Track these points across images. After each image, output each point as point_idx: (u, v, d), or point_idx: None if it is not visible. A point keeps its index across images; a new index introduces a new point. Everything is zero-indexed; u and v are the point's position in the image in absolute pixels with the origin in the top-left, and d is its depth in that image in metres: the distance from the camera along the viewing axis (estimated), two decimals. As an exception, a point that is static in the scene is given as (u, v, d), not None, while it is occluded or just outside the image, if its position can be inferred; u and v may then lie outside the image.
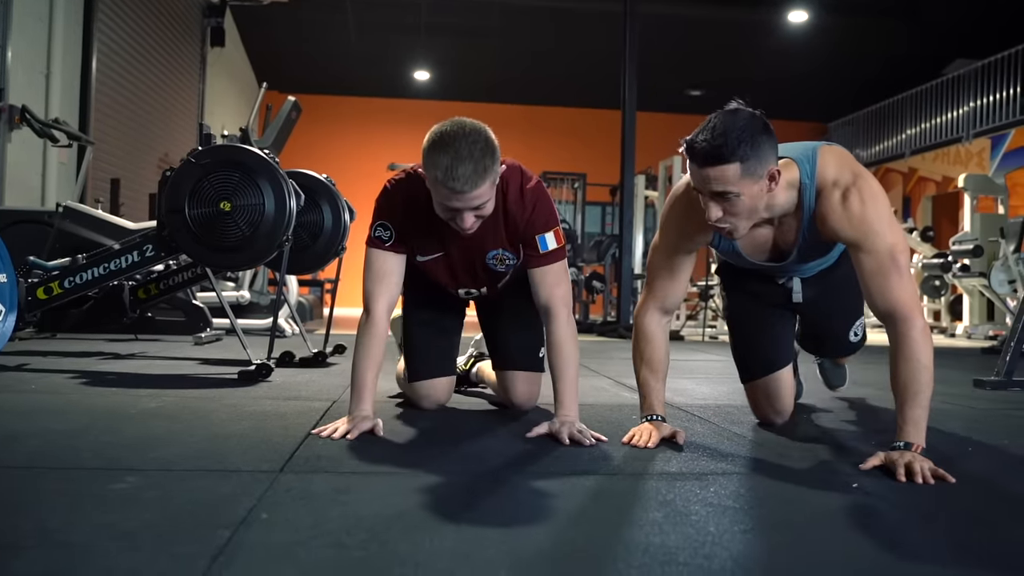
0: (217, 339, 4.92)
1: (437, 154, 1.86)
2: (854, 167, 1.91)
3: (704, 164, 1.77)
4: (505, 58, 12.55)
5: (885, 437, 2.25)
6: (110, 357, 3.97)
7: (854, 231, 1.83)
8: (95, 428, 2.03)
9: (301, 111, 4.52)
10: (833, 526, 1.36)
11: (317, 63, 12.81)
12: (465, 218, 1.93)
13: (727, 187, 1.77)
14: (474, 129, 1.89)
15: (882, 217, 1.83)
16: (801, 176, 1.90)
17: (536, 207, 2.12)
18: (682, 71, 12.72)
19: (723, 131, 1.74)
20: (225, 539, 1.15)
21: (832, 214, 1.86)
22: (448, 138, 1.86)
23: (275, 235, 3.13)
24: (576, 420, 2.02)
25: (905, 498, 1.55)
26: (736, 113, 1.79)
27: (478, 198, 1.90)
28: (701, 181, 1.81)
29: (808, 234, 1.97)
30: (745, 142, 1.73)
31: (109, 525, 1.21)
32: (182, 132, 9.54)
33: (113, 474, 1.54)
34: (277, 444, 1.87)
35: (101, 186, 6.82)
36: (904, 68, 12.11)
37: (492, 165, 1.89)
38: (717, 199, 1.81)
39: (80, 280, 3.33)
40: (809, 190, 1.90)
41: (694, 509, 1.42)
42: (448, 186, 1.86)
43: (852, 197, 1.84)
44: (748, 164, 1.75)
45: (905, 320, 1.78)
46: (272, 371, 3.20)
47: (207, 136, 3.32)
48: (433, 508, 1.37)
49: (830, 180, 1.88)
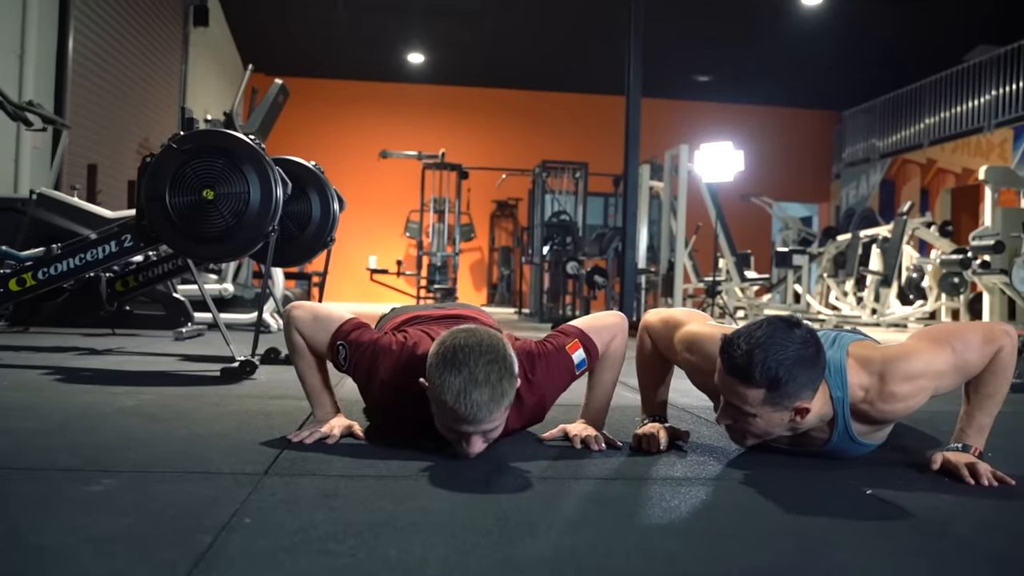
0: (199, 334, 4.92)
1: (447, 374, 1.66)
2: (882, 365, 1.79)
3: (731, 373, 1.69)
4: (503, 40, 12.52)
5: (899, 441, 2.25)
6: (86, 353, 3.97)
7: (912, 408, 1.81)
8: (70, 427, 2.02)
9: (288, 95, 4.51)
10: (848, 534, 1.36)
11: (306, 44, 12.78)
12: (473, 443, 1.74)
13: (744, 406, 1.71)
14: (491, 347, 1.70)
15: (920, 371, 1.78)
16: (831, 392, 1.79)
17: (547, 380, 1.95)
18: (690, 55, 12.70)
19: (764, 349, 1.64)
20: (206, 545, 1.15)
21: (880, 416, 1.82)
22: (462, 356, 1.67)
23: (260, 225, 3.13)
24: (597, 424, 2.04)
25: (922, 504, 1.55)
26: (790, 332, 1.68)
27: (491, 424, 1.72)
28: (722, 384, 1.73)
29: (843, 440, 1.88)
30: (784, 372, 1.64)
31: (84, 529, 1.21)
32: (163, 116, 9.52)
33: (89, 475, 1.54)
34: (261, 445, 1.87)
35: (77, 172, 6.80)
36: (923, 54, 12.10)
37: (510, 390, 1.71)
38: (731, 408, 1.74)
39: (55, 271, 3.32)
40: (843, 404, 1.81)
41: (700, 516, 1.42)
42: (459, 414, 1.67)
43: (888, 396, 1.78)
44: (775, 395, 1.67)
45: (1001, 349, 1.80)
46: (256, 368, 3.20)
47: (189, 120, 3.31)
48: (424, 513, 1.37)
49: (861, 395, 1.79)
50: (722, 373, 1.71)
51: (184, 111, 3.34)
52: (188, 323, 4.67)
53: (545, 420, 2.07)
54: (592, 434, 1.98)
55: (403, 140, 12.71)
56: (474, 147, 13.41)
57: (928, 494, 1.63)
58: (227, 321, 4.61)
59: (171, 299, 4.64)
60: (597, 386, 2.07)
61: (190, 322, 4.69)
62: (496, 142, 14.19)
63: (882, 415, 1.82)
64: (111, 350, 4.13)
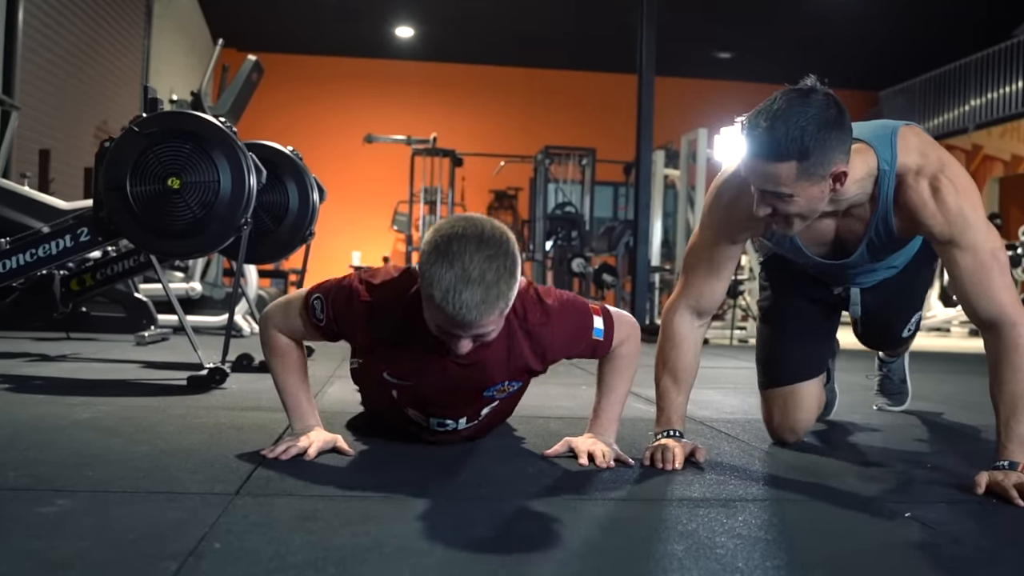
0: (163, 339, 4.92)
1: (438, 266, 1.64)
2: (939, 153, 1.91)
3: (756, 156, 1.76)
4: (502, 12, 12.51)
5: (940, 459, 2.25)
6: (37, 359, 3.97)
7: (950, 225, 1.84)
8: (19, 442, 2.02)
9: (263, 72, 4.51)
10: (884, 563, 1.36)
11: (282, 17, 12.76)
12: (461, 344, 1.75)
13: (779, 187, 1.77)
14: (492, 239, 1.67)
15: (978, 210, 1.85)
16: (879, 163, 1.89)
17: (557, 329, 1.94)
18: (708, 30, 12.69)
19: (784, 120, 1.70)
20: (172, 572, 1.15)
21: (923, 206, 1.86)
22: (457, 247, 1.64)
23: (232, 217, 3.12)
24: (607, 438, 2.03)
25: (968, 528, 1.55)
26: (807, 97, 1.73)
27: (482, 328, 1.70)
28: (751, 172, 1.81)
29: (881, 228, 1.98)
30: (809, 137, 1.70)
31: (37, 554, 1.21)
32: (124, 96, 9.51)
33: (41, 495, 1.54)
34: (232, 462, 1.87)
35: (28, 158, 6.79)
36: (968, 28, 12.10)
37: (508, 291, 1.68)
38: (767, 195, 1.80)
39: (3, 268, 3.32)
40: (888, 178, 1.89)
41: (720, 541, 1.42)
42: (447, 312, 1.65)
43: (944, 187, 1.84)
44: (808, 164, 1.73)
45: (1014, 325, 1.80)
46: (227, 376, 3.20)
47: (153, 101, 3.31)
48: (413, 537, 1.37)
49: (913, 167, 1.88)
50: (748, 160, 1.77)
51: (147, 91, 3.34)
52: (151, 326, 4.67)
53: (549, 432, 2.07)
54: (601, 449, 1.98)
55: (391, 123, 12.70)
56: (469, 131, 13.41)
57: (975, 518, 1.63)
58: (194, 324, 4.62)
59: (132, 299, 4.64)
60: (607, 393, 2.07)
61: (153, 325, 4.69)
62: (494, 126, 14.19)
63: (931, 215, 1.85)
64: (65, 356, 4.13)
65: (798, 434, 2.38)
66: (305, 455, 1.91)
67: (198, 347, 3.35)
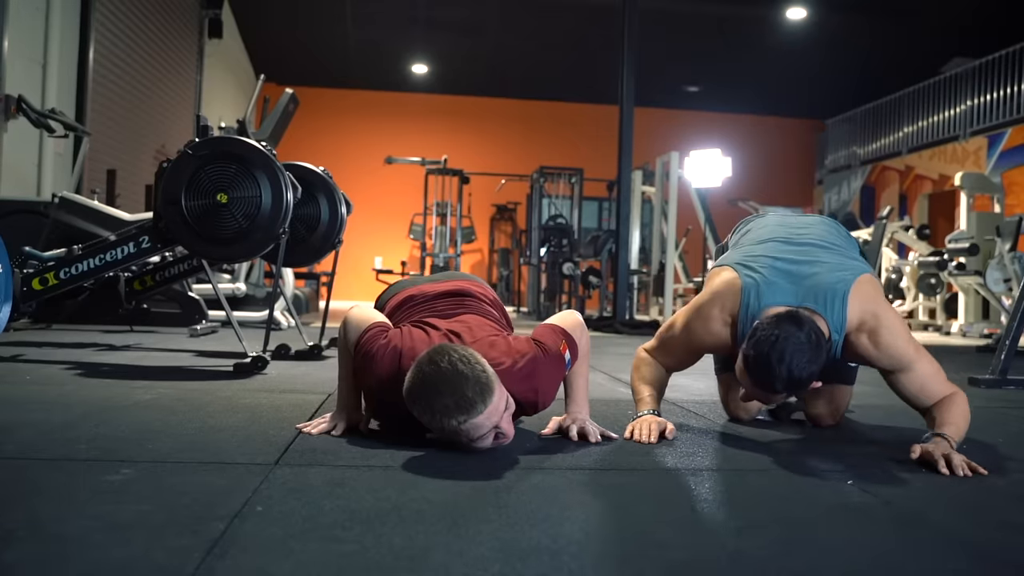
0: (212, 331, 4.92)
1: (422, 411, 1.66)
2: (876, 307, 1.96)
3: (758, 387, 1.83)
4: (503, 52, 12.52)
5: (882, 434, 2.25)
6: (105, 348, 3.96)
7: (891, 361, 1.95)
8: (89, 419, 2.02)
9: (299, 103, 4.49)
10: (831, 522, 1.36)
11: (315, 55, 12.77)
12: (479, 444, 1.70)
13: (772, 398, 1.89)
14: (460, 378, 1.62)
15: (908, 340, 1.95)
16: (831, 332, 1.93)
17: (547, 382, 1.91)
18: (680, 66, 12.70)
19: (786, 368, 1.77)
20: (220, 532, 1.15)
21: (867, 354, 1.97)
22: (433, 392, 1.62)
23: (272, 227, 3.12)
24: (586, 417, 2.02)
25: (899, 493, 1.55)
26: (799, 339, 1.78)
27: (490, 416, 1.65)
28: (749, 388, 1.87)
29: (829, 364, 1.98)
30: (805, 376, 1.79)
31: (102, 517, 1.21)
32: (179, 124, 9.51)
33: (107, 466, 1.54)
34: (272, 437, 1.87)
35: (97, 177, 6.79)
36: (902, 66, 12.11)
37: (488, 402, 1.64)
38: (760, 396, 1.88)
39: (76, 271, 3.31)
40: (837, 343, 1.96)
41: (689, 504, 1.42)
42: (448, 435, 1.68)
43: (883, 335, 1.94)
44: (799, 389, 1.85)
45: (951, 395, 1.92)
46: (268, 364, 3.19)
47: (204, 128, 3.31)
48: (428, 503, 1.37)
49: (856, 325, 1.95)
50: (748, 383, 1.85)
51: (199, 119, 3.34)
52: (203, 320, 4.67)
53: (540, 415, 2.07)
54: (588, 427, 1.97)
55: (407, 147, 12.70)
56: (475, 153, 13.40)
57: (905, 484, 1.63)
58: (240, 319, 4.61)
59: (186, 298, 4.64)
60: (577, 378, 2.06)
61: (204, 320, 4.69)
62: (496, 149, 14.19)
63: (876, 358, 1.96)
64: (129, 346, 4.13)
65: (751, 412, 2.39)
66: (332, 432, 1.92)
67: (243, 339, 3.34)
